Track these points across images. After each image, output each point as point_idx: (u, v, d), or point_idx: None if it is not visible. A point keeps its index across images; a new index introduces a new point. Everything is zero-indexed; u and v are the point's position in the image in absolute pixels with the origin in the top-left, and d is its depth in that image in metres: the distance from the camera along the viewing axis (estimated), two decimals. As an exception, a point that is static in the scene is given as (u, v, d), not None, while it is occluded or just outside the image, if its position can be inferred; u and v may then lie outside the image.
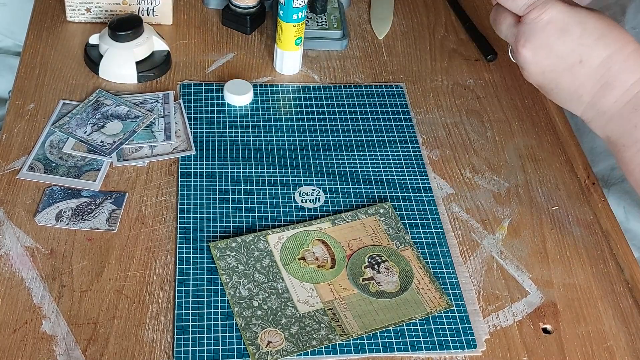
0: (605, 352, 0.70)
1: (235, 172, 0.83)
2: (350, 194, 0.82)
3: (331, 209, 0.80)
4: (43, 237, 0.74)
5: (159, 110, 0.88)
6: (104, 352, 0.66)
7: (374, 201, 0.81)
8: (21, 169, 0.80)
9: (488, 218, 0.82)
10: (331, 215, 0.78)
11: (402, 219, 0.80)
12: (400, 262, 0.74)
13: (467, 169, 0.87)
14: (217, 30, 1.03)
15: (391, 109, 0.93)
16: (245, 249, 0.74)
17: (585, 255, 0.79)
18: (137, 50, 0.92)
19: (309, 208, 0.80)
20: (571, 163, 0.89)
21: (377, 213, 0.79)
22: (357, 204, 0.81)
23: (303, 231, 0.76)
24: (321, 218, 0.78)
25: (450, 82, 0.99)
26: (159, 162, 0.83)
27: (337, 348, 0.68)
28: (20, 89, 0.90)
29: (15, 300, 0.69)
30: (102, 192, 0.79)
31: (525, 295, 0.74)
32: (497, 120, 0.94)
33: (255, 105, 0.92)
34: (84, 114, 0.87)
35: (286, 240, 0.75)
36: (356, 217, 0.78)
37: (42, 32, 0.99)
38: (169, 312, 0.69)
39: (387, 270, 0.73)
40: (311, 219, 0.78)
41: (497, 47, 1.03)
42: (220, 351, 0.67)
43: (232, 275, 0.72)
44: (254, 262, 0.73)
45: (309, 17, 1.03)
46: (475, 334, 0.70)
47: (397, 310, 0.70)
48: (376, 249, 0.75)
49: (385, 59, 1.01)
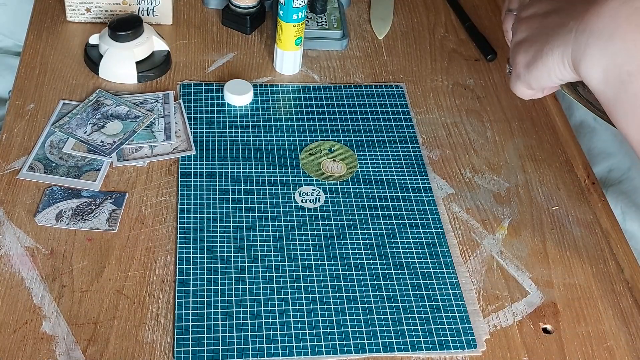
0: (605, 352, 0.70)
1: (235, 172, 0.83)
2: (351, 194, 0.82)
3: (331, 209, 0.80)
4: (43, 237, 0.74)
5: (159, 110, 0.88)
6: (104, 352, 0.66)
7: (374, 201, 0.81)
8: (21, 169, 0.80)
9: (488, 218, 0.82)
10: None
11: (402, 219, 0.80)
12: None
13: (467, 169, 0.87)
14: (217, 30, 1.03)
15: (391, 109, 0.93)
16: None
17: (585, 255, 0.79)
18: (137, 50, 0.92)
19: (309, 208, 0.80)
20: (571, 163, 0.89)
21: None
22: (357, 204, 0.81)
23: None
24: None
25: (450, 82, 0.99)
26: (159, 162, 0.83)
27: (337, 348, 0.68)
28: (20, 89, 0.90)
29: (16, 300, 0.69)
30: (102, 192, 0.79)
31: (526, 295, 0.74)
32: (497, 120, 0.94)
33: (255, 105, 0.92)
34: (84, 114, 0.87)
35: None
36: None
37: (42, 32, 0.99)
38: (169, 312, 0.69)
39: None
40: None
41: (497, 47, 1.03)
42: (221, 351, 0.67)
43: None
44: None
45: (309, 17, 1.03)
46: (476, 334, 0.70)
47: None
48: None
49: (385, 59, 1.01)
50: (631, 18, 0.58)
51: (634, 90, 0.59)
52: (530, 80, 0.67)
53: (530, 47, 0.66)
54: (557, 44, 0.63)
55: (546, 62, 0.64)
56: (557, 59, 0.63)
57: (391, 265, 0.76)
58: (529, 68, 0.67)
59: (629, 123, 0.60)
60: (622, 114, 0.60)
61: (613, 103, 0.61)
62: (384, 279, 0.74)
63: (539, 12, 0.67)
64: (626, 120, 0.60)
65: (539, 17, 0.67)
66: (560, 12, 0.64)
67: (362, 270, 0.75)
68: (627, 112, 0.60)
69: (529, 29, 0.67)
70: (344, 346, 0.68)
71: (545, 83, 0.67)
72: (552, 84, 0.67)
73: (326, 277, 0.74)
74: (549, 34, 0.64)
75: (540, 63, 0.65)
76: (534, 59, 0.66)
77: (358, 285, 0.73)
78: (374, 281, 0.74)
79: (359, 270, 0.75)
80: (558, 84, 0.67)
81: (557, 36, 0.63)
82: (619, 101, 0.60)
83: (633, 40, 0.58)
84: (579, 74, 0.62)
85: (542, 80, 0.66)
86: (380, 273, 0.75)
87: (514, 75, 0.69)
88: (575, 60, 0.62)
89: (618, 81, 0.59)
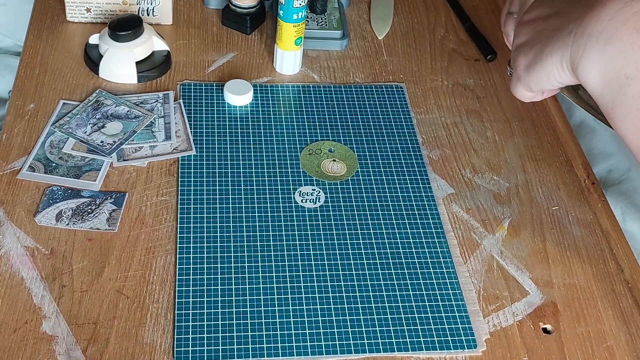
0: (605, 352, 0.70)
1: (235, 172, 0.83)
2: (351, 194, 0.82)
3: (331, 209, 0.80)
4: (43, 237, 0.74)
5: (159, 110, 0.88)
6: (104, 352, 0.66)
7: (374, 201, 0.81)
8: (21, 169, 0.80)
9: (488, 218, 0.82)
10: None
11: (402, 219, 0.80)
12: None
13: (467, 169, 0.87)
14: (217, 30, 1.03)
15: (391, 109, 0.93)
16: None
17: (585, 255, 0.79)
18: (137, 50, 0.92)
19: (309, 208, 0.80)
20: (571, 163, 0.89)
21: None
22: (357, 204, 0.81)
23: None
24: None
25: (450, 82, 0.99)
26: (159, 162, 0.83)
27: (337, 348, 0.68)
28: (20, 89, 0.90)
29: (16, 300, 0.69)
30: (102, 192, 0.79)
31: (526, 295, 0.74)
32: (497, 120, 0.94)
33: (255, 105, 0.92)
34: (84, 114, 0.87)
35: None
36: None
37: (42, 32, 0.99)
38: (169, 312, 0.69)
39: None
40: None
41: (497, 48, 1.03)
42: (221, 351, 0.67)
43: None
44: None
45: (309, 17, 1.03)
46: (476, 334, 0.71)
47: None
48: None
49: (385, 59, 1.02)
50: (629, 22, 0.58)
51: (632, 93, 0.59)
52: (530, 82, 0.67)
53: (530, 50, 0.66)
54: (557, 47, 0.63)
55: (545, 65, 0.64)
56: (556, 62, 0.63)
57: (391, 265, 0.76)
58: (528, 70, 0.67)
59: (627, 126, 0.60)
60: (620, 117, 0.60)
61: (611, 106, 0.60)
62: (384, 279, 0.74)
63: (540, 15, 0.67)
64: (624, 123, 0.60)
65: (541, 20, 0.67)
66: (560, 15, 0.64)
67: (362, 270, 0.75)
68: (626, 115, 0.60)
69: (530, 32, 0.67)
70: (344, 346, 0.68)
71: (545, 86, 0.67)
72: (552, 86, 0.67)
73: (326, 277, 0.74)
74: (549, 37, 0.64)
75: (539, 66, 0.65)
76: (533, 61, 0.66)
77: (358, 285, 0.73)
78: (374, 281, 0.74)
79: (359, 270, 0.75)
80: (558, 87, 0.67)
81: (557, 39, 0.63)
82: (617, 104, 0.60)
83: (631, 44, 0.58)
84: (577, 77, 0.62)
85: (542, 83, 0.66)
86: (380, 273, 0.75)
87: (514, 77, 0.69)
88: (573, 63, 0.62)
89: (616, 84, 0.59)
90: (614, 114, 0.61)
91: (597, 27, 0.59)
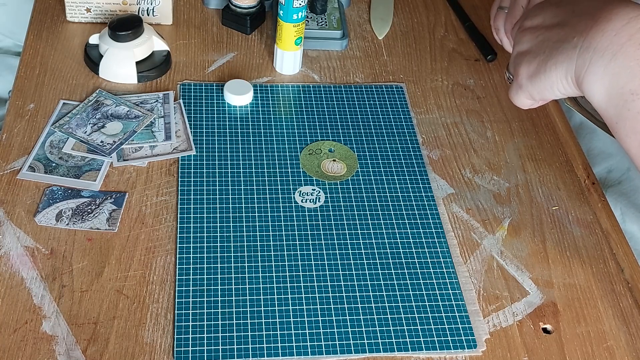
0: (605, 352, 0.70)
1: (235, 172, 0.83)
2: (351, 194, 0.82)
3: (331, 209, 0.80)
4: (43, 237, 0.74)
5: (159, 110, 0.88)
6: (104, 352, 0.66)
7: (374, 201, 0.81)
8: (21, 169, 0.80)
9: (488, 218, 0.82)
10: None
11: (402, 219, 0.80)
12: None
13: (467, 169, 0.87)
14: (217, 30, 1.03)
15: (391, 109, 0.93)
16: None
17: (585, 255, 0.79)
18: (137, 50, 0.92)
19: (309, 208, 0.80)
20: (571, 163, 0.89)
21: None
22: (357, 204, 0.81)
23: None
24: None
25: (450, 82, 0.99)
26: (159, 162, 0.83)
27: (337, 348, 0.68)
28: (20, 89, 0.90)
29: (15, 300, 0.69)
30: (102, 192, 0.79)
31: (526, 295, 0.74)
32: (497, 120, 0.94)
33: (255, 105, 0.92)
34: (84, 114, 0.87)
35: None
36: None
37: (42, 32, 0.99)
38: (169, 312, 0.69)
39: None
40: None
41: (497, 47, 1.03)
42: (221, 351, 0.67)
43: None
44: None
45: (309, 17, 1.03)
46: (476, 334, 0.71)
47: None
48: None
49: (385, 59, 1.02)
50: (635, 37, 0.58)
51: (637, 109, 0.59)
52: (533, 92, 0.67)
53: (533, 59, 0.66)
54: (561, 60, 0.63)
55: (550, 76, 0.64)
56: (560, 75, 0.63)
57: (391, 265, 0.76)
58: (531, 80, 0.66)
59: (632, 141, 0.61)
60: (625, 132, 0.61)
61: (616, 121, 0.61)
62: (384, 279, 0.74)
63: (543, 24, 0.67)
64: (629, 138, 0.61)
65: (543, 29, 0.66)
66: (564, 26, 0.64)
67: (362, 270, 0.75)
68: (630, 130, 0.60)
69: (532, 40, 0.67)
70: (344, 346, 0.68)
71: (548, 96, 0.67)
72: (555, 97, 0.67)
73: (326, 277, 0.74)
74: (553, 48, 0.64)
75: (543, 77, 0.65)
76: (537, 71, 0.66)
77: (358, 285, 0.73)
78: (374, 281, 0.74)
79: (359, 270, 0.75)
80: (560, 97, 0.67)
81: (562, 51, 0.63)
82: (622, 119, 0.60)
83: (636, 60, 0.58)
84: (582, 90, 0.62)
85: (545, 93, 0.66)
86: (380, 273, 0.75)
87: (515, 85, 0.69)
88: (578, 77, 0.62)
89: (621, 100, 0.59)
90: (619, 129, 0.61)
91: (603, 42, 0.59)
